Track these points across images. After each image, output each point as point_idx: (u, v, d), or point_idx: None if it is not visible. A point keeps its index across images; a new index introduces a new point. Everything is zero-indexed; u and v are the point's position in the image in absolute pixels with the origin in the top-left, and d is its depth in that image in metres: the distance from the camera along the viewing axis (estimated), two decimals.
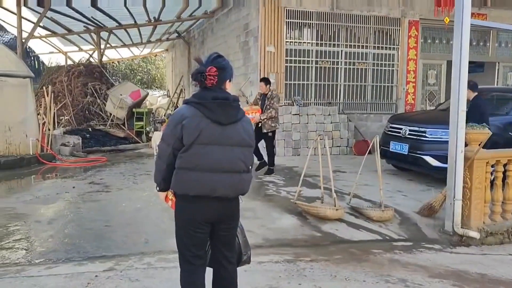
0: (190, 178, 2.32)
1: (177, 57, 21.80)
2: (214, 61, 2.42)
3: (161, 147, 2.41)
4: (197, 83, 2.41)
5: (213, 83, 2.38)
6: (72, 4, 11.71)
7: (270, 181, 7.64)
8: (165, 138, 2.38)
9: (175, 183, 2.38)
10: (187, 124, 2.29)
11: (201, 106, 2.34)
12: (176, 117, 2.35)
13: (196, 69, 2.42)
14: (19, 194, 6.76)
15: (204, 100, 2.36)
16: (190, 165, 2.32)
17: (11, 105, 9.50)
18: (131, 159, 10.85)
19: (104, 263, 3.78)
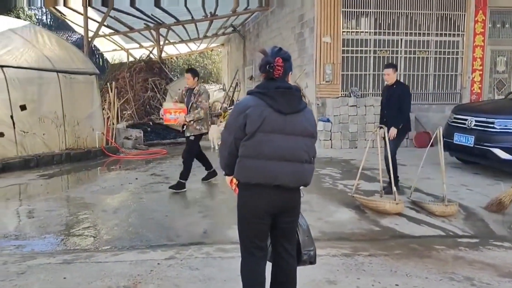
0: (252, 166, 2.36)
1: (232, 51, 22.03)
2: (279, 53, 2.45)
3: (224, 135, 2.51)
4: (264, 74, 2.46)
5: (279, 74, 2.43)
6: (136, 4, 12.18)
7: (326, 174, 7.55)
8: (228, 127, 2.47)
9: (238, 171, 2.42)
10: (250, 113, 2.34)
11: (264, 96, 2.39)
12: (240, 107, 2.41)
13: (264, 60, 2.44)
14: (87, 185, 7.19)
15: (267, 89, 2.40)
16: (253, 153, 2.35)
17: (79, 100, 10.09)
18: None
19: (166, 251, 3.93)
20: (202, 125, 6.45)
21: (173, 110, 6.42)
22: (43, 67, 9.38)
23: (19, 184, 7.21)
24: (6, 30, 9.44)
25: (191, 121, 6.30)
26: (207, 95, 6.44)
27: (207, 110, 6.43)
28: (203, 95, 6.34)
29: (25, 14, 23.02)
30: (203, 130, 6.52)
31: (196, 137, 6.44)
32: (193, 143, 6.47)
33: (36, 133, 9.05)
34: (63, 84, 9.67)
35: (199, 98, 6.30)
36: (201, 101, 6.29)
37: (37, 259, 3.70)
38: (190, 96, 6.38)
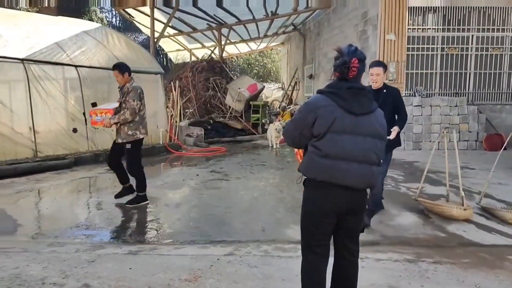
0: (321, 164, 2.35)
1: (292, 50, 21.96)
2: (355, 53, 2.41)
3: (288, 126, 2.52)
4: (337, 73, 2.43)
5: (354, 75, 2.40)
6: (198, 4, 12.49)
7: (388, 176, 7.30)
8: (294, 121, 2.47)
9: (305, 166, 2.42)
10: (321, 114, 2.33)
11: (335, 96, 2.36)
12: (310, 106, 2.39)
13: (340, 60, 2.41)
14: (152, 180, 7.46)
15: (339, 90, 2.38)
16: (322, 153, 2.34)
17: (145, 99, 10.50)
18: (247, 150, 11.28)
19: (225, 247, 3.99)
20: (136, 129, 5.51)
21: (99, 111, 5.63)
22: None
23: (89, 177, 7.65)
24: (80, 32, 10.06)
25: (119, 124, 5.49)
26: (136, 93, 5.47)
27: (135, 111, 5.43)
28: (131, 94, 5.45)
29: (97, 17, 24.41)
30: (139, 135, 5.55)
31: (133, 145, 5.55)
32: (131, 153, 5.59)
33: (106, 129, 9.54)
34: None
35: (127, 97, 5.47)
36: (128, 101, 5.44)
37: (106, 248, 3.91)
38: (121, 95, 5.61)
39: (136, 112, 5.48)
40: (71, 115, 8.97)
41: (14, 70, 8.04)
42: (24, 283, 3.00)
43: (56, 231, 4.57)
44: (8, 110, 7.88)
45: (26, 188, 6.65)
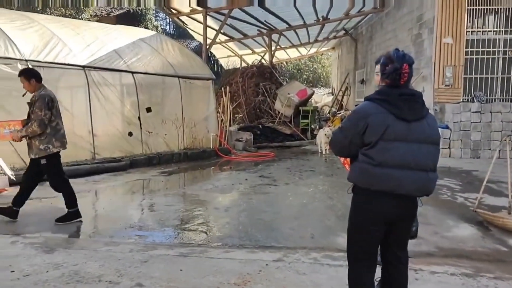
0: (375, 173, 2.29)
1: (343, 54, 21.66)
2: (405, 58, 2.36)
3: (336, 135, 2.48)
4: (389, 81, 2.36)
5: (405, 81, 2.35)
6: (251, 11, 12.62)
7: (444, 185, 7.00)
8: (344, 129, 2.42)
9: (358, 177, 2.36)
10: (371, 122, 2.28)
11: (385, 103, 2.32)
12: (360, 114, 2.34)
13: (391, 67, 2.36)
14: (202, 183, 7.63)
15: (390, 96, 2.33)
16: (375, 162, 2.29)
17: (197, 104, 10.79)
18: (296, 155, 11.23)
19: (274, 253, 3.98)
20: (49, 142, 4.82)
21: (6, 123, 4.96)
22: (167, 72, 10.23)
23: (143, 180, 7.92)
24: (137, 39, 10.48)
25: (28, 138, 4.86)
26: (43, 102, 4.75)
27: (43, 122, 4.74)
28: (38, 103, 4.75)
29: (153, 25, 25.31)
30: (52, 149, 4.85)
31: (48, 160, 4.86)
32: (48, 170, 4.94)
33: (159, 133, 9.89)
34: (183, 88, 10.44)
35: (34, 107, 4.79)
36: (35, 111, 4.75)
37: (158, 249, 4.02)
38: (29, 105, 4.91)
39: (46, 124, 4.77)
40: (127, 119, 9.34)
41: (76, 76, 8.50)
42: (83, 280, 3.15)
43: (112, 231, 4.76)
44: (69, 114, 8.33)
45: (85, 188, 6.99)
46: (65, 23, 9.94)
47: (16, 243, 4.02)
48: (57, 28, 9.06)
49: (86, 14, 20.16)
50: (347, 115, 2.51)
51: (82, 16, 19.54)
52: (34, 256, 3.67)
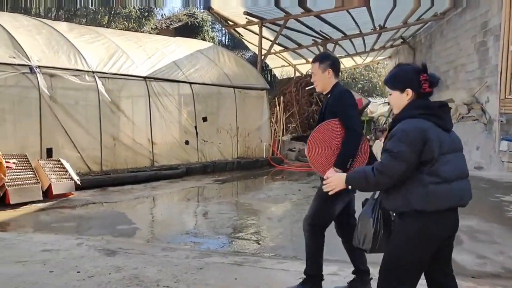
0: (442, 191, 2.18)
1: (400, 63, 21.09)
2: (426, 67, 2.32)
3: (391, 165, 2.17)
4: (417, 93, 2.28)
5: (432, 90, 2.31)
6: (305, 21, 12.62)
7: (510, 202, 6.58)
8: (399, 155, 2.16)
9: (425, 200, 2.18)
10: (430, 137, 2.17)
11: (432, 117, 2.23)
12: (415, 133, 2.17)
13: (435, 77, 2.29)
14: (255, 192, 7.69)
15: (433, 109, 2.26)
16: (440, 179, 2.17)
17: (250, 113, 10.93)
18: None
19: (328, 266, 3.91)
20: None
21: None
22: (222, 83, 10.46)
23: (198, 187, 8.11)
24: (195, 51, 10.83)
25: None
26: None
27: None
28: None
29: (209, 36, 26.01)
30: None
31: None
32: None
33: (214, 142, 10.10)
34: (238, 98, 10.62)
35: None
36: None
37: (212, 257, 4.08)
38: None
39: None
40: (184, 128, 9.64)
41: (137, 87, 8.91)
42: (142, 284, 3.26)
43: (168, 237, 4.91)
44: (130, 123, 8.73)
45: (143, 194, 7.26)
46: (128, 36, 10.47)
47: (81, 245, 4.24)
48: (121, 41, 9.56)
49: (147, 27, 21.10)
50: (395, 141, 2.18)
51: (144, 29, 20.46)
52: (97, 258, 3.85)
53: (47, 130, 7.53)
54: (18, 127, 7.23)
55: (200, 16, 25.42)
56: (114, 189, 7.57)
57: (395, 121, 2.29)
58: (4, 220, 5.56)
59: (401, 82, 2.30)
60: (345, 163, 3.03)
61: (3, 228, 5.22)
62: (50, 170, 6.83)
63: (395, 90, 2.33)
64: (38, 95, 7.38)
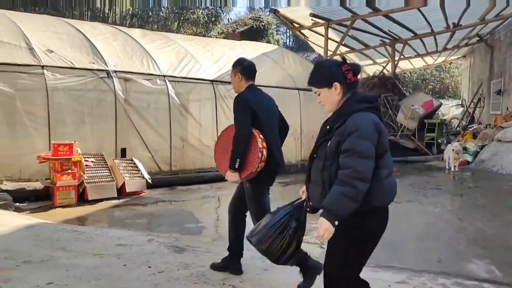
0: (388, 186, 2.17)
1: (476, 63, 19.83)
2: (344, 59, 2.34)
3: (365, 166, 2.05)
4: (355, 78, 2.27)
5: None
6: (373, 20, 12.31)
7: None
8: (368, 154, 2.06)
9: (382, 196, 2.16)
10: (383, 130, 2.14)
11: (375, 109, 2.22)
12: (371, 128, 2.10)
13: (358, 65, 2.33)
14: None
15: (374, 102, 2.25)
16: (388, 172, 2.17)
17: (315, 116, 10.75)
18: (420, 171, 10.55)
19: (396, 274, 3.78)
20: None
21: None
22: (287, 85, 10.47)
23: None
24: (260, 54, 10.94)
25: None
26: None
27: None
28: None
29: (274, 39, 26.18)
30: None
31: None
32: None
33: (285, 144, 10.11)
34: (302, 100, 10.57)
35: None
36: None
37: None
38: None
39: None
40: None
41: (205, 90, 9.17)
42: (208, 281, 3.34)
43: None
44: (198, 125, 9.00)
45: (210, 194, 7.46)
46: (197, 41, 10.82)
47: (152, 241, 4.44)
48: (190, 46, 9.90)
49: (214, 32, 21.69)
50: (352, 138, 2.06)
51: (211, 34, 21.05)
52: (167, 255, 4.01)
53: (122, 131, 7.98)
54: (96, 129, 7.72)
55: (265, 19, 25.67)
56: (182, 188, 7.85)
57: (339, 115, 2.19)
58: (83, 214, 5.97)
59: (327, 78, 2.25)
60: (233, 164, 3.29)
61: (82, 222, 5.61)
62: (124, 169, 7.24)
63: (322, 87, 2.27)
64: (114, 98, 7.85)
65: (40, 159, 6.39)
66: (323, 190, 2.19)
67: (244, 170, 3.30)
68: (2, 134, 6.82)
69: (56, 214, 5.86)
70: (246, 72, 3.59)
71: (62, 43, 7.97)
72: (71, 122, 7.47)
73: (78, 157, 6.47)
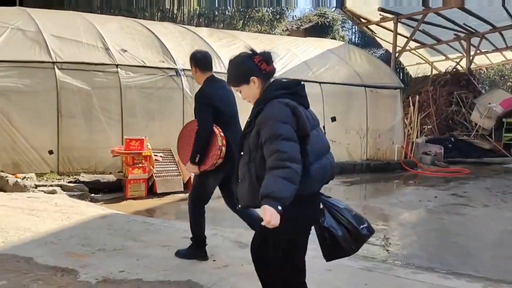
0: (319, 169, 2.13)
1: None
2: (253, 50, 2.32)
3: (289, 147, 1.99)
4: (270, 68, 2.26)
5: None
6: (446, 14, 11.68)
7: None
8: (289, 136, 2.00)
9: (308, 182, 2.07)
10: (299, 114, 2.08)
11: (293, 95, 2.18)
12: (286, 112, 2.06)
13: (267, 53, 2.33)
14: (385, 197, 7.35)
15: (292, 88, 2.21)
16: (313, 156, 2.10)
17: (382, 114, 10.46)
18: (498, 174, 9.87)
19: (471, 283, 3.54)
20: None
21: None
22: (353, 82, 10.22)
23: (324, 187, 7.99)
24: (326, 50, 10.78)
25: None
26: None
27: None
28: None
29: (339, 35, 25.65)
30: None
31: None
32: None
33: (342, 142, 9.91)
34: (369, 98, 10.26)
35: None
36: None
37: (340, 259, 3.99)
38: None
39: None
40: None
41: None
42: None
43: None
44: None
45: None
46: (262, 39, 10.89)
47: (216, 235, 4.52)
48: (255, 43, 9.94)
49: (278, 29, 21.69)
50: (270, 124, 2.03)
51: (275, 31, 21.08)
52: (231, 249, 4.06)
53: None
54: (164, 125, 8.01)
55: (330, 15, 25.24)
56: None
57: (256, 106, 2.20)
58: (152, 207, 6.23)
59: (242, 75, 2.24)
60: (193, 158, 3.47)
61: (151, 214, 5.86)
62: None
63: (241, 85, 2.25)
64: (181, 95, 8.10)
65: (113, 153, 6.76)
66: (249, 185, 2.14)
67: (203, 165, 3.51)
68: (81, 128, 7.29)
69: (127, 205, 6.16)
70: (199, 64, 3.61)
71: (134, 42, 8.36)
72: (142, 118, 7.81)
73: (148, 151, 6.76)
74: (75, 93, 7.26)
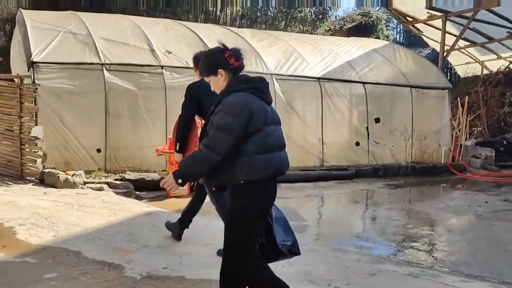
0: (263, 161, 2.26)
1: None
2: (225, 46, 2.46)
3: (218, 138, 2.23)
4: (239, 63, 2.41)
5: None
6: None
7: None
8: (226, 128, 2.22)
9: (248, 169, 2.24)
10: (255, 109, 2.27)
11: (254, 90, 2.35)
12: (241, 104, 2.27)
13: (237, 49, 2.45)
14: (432, 201, 7.10)
15: (254, 83, 2.39)
16: (262, 148, 2.26)
17: (428, 115, 10.13)
18: None
19: None
20: None
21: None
22: (398, 82, 9.95)
23: (367, 190, 7.89)
24: (370, 50, 10.55)
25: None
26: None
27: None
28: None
29: (383, 35, 25.04)
30: None
31: None
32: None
33: (386, 144, 9.68)
34: (414, 98, 9.96)
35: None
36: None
37: (385, 264, 3.89)
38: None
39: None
40: (355, 129, 9.48)
41: (311, 87, 9.11)
42: (314, 281, 3.29)
43: (337, 237, 4.89)
44: (302, 122, 8.97)
45: (313, 193, 7.40)
46: (304, 39, 10.80)
47: None
48: (297, 44, 9.92)
49: (321, 29, 21.48)
50: (219, 114, 2.25)
51: (318, 32, 20.89)
52: None
53: None
54: None
55: (374, 14, 24.70)
56: (287, 186, 7.86)
57: (222, 95, 2.35)
58: None
59: (211, 67, 2.40)
60: (175, 146, 3.77)
61: None
62: None
63: (210, 76, 2.42)
64: None
65: (158, 152, 6.90)
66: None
67: (186, 152, 3.78)
68: (127, 128, 7.52)
69: (170, 203, 6.28)
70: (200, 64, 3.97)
71: (179, 44, 8.53)
72: None
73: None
74: (122, 94, 7.50)
